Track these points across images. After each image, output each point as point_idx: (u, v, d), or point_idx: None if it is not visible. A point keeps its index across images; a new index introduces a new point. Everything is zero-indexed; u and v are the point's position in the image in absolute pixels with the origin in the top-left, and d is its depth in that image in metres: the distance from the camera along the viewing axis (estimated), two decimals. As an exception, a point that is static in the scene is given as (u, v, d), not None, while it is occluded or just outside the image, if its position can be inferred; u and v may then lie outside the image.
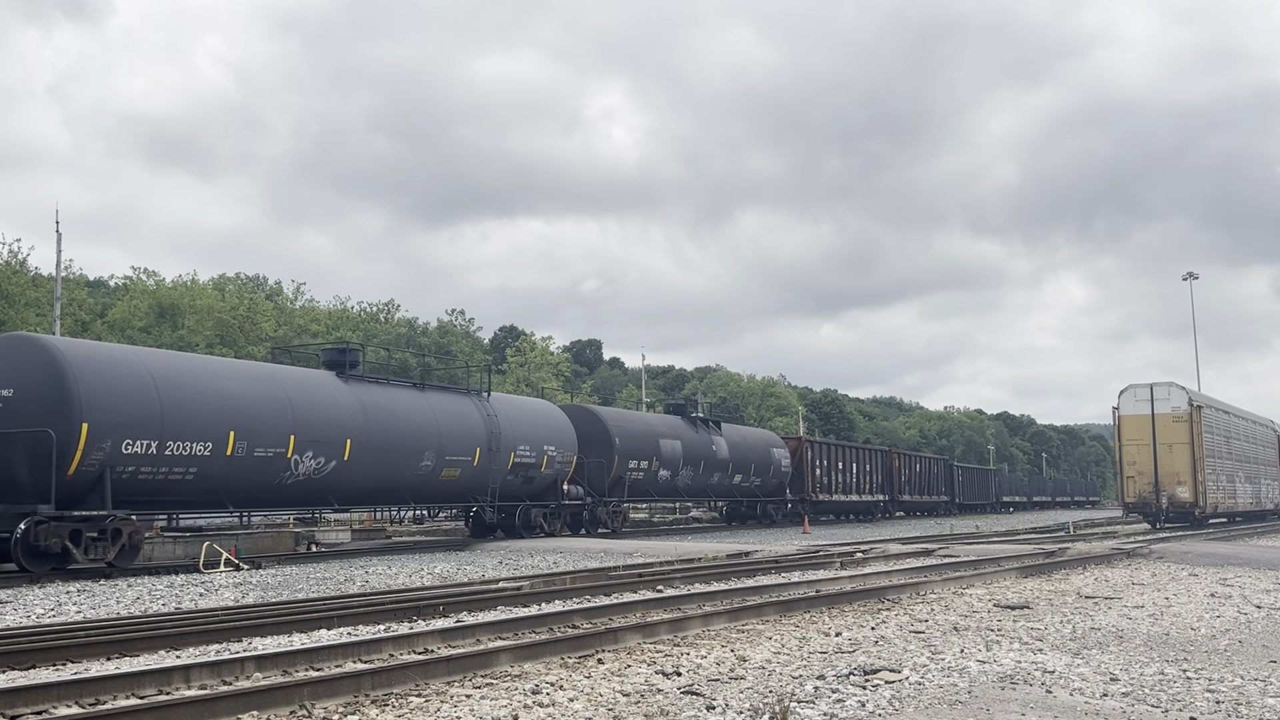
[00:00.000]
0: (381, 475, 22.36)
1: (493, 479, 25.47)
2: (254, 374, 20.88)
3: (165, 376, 18.35)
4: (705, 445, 35.95)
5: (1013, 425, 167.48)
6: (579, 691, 7.17)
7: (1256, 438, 44.56)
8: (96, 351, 18.34)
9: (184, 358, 21.09)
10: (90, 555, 16.71)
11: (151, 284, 60.46)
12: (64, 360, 16.90)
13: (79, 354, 17.45)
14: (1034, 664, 8.45)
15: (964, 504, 61.36)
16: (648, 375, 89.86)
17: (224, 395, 19.14)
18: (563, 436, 28.27)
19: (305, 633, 10.08)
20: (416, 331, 63.57)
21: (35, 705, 6.59)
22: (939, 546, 22.60)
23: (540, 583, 14.57)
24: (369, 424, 21.88)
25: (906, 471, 52.31)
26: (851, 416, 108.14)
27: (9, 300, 41.81)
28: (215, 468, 18.62)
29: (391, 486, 22.94)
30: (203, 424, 18.40)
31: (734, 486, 38.03)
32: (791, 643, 9.45)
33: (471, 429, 24.85)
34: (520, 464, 26.33)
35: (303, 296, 68.31)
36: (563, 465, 28.13)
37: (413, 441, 23.02)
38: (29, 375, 16.86)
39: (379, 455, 22.01)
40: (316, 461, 20.59)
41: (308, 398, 20.86)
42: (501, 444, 25.58)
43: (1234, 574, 17.46)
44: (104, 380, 17.17)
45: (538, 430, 27.32)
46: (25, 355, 17.14)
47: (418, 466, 23.21)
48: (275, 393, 20.25)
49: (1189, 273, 61.42)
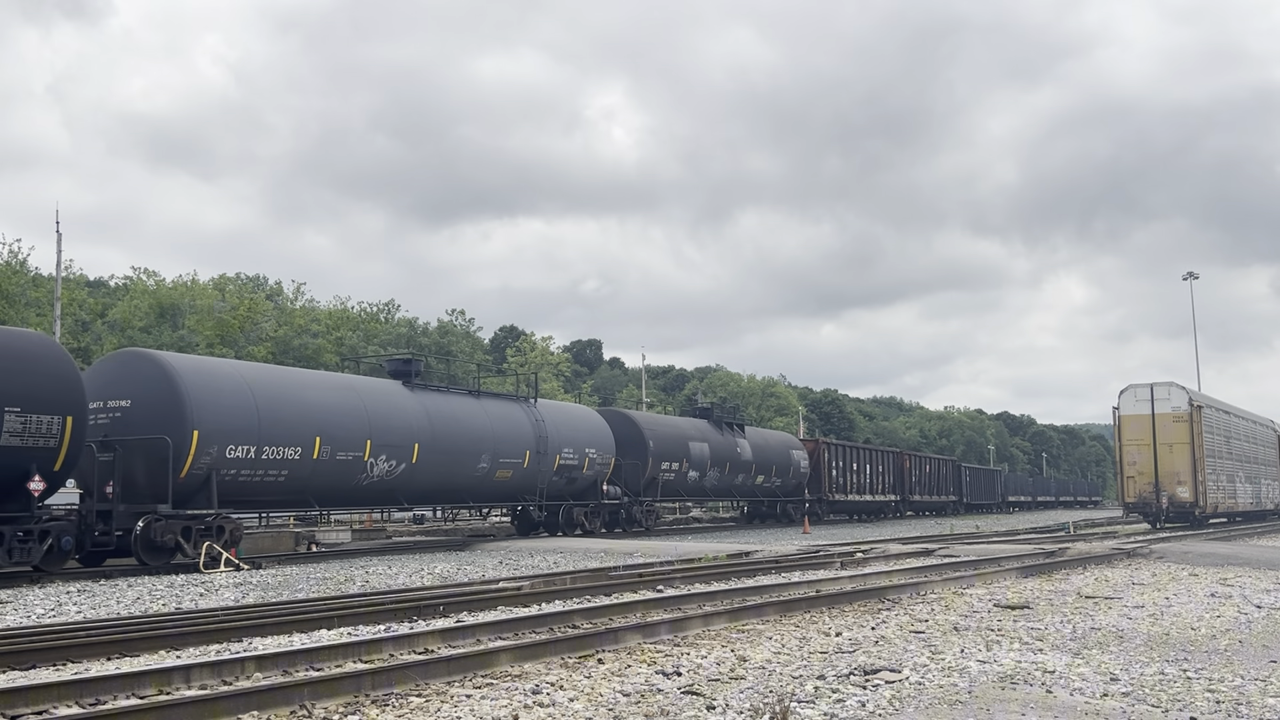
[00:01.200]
0: (444, 476, 23.97)
1: (540, 480, 27.20)
2: (335, 384, 22.72)
3: (261, 387, 20.11)
4: (730, 447, 37.39)
5: (1013, 425, 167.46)
6: (579, 691, 7.16)
7: (1256, 438, 44.55)
8: (203, 365, 20.29)
9: (276, 370, 23.31)
10: (194, 554, 18.09)
11: (152, 284, 60.44)
12: (176, 373, 18.65)
13: (188, 367, 19.32)
14: (1034, 664, 8.44)
15: (971, 504, 62.54)
16: (648, 375, 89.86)
17: (310, 404, 20.83)
18: (602, 440, 30.04)
19: (305, 633, 10.07)
20: (416, 331, 63.47)
21: (36, 705, 6.59)
22: (939, 546, 22.60)
23: (540, 583, 14.57)
24: (433, 429, 23.56)
25: (917, 472, 53.62)
26: (851, 416, 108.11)
27: (9, 300, 41.80)
28: (304, 470, 20.27)
29: (452, 487, 24.59)
30: (294, 430, 20.07)
31: (756, 487, 39.44)
32: (792, 643, 9.45)
33: (521, 433, 26.61)
34: (564, 466, 28.08)
35: (303, 296, 68.27)
36: (602, 467, 29.85)
37: (471, 445, 24.75)
38: (144, 387, 18.45)
39: (442, 458, 23.67)
40: (389, 464, 22.26)
41: (381, 405, 22.54)
42: (548, 447, 27.38)
43: (1234, 574, 17.45)
44: (210, 391, 18.86)
45: (579, 434, 29.06)
46: (140, 369, 18.89)
47: (475, 468, 24.89)
48: (353, 401, 21.92)
49: (1189, 273, 61.43)
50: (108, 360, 19.96)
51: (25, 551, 15.97)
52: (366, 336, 60.09)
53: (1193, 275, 61.25)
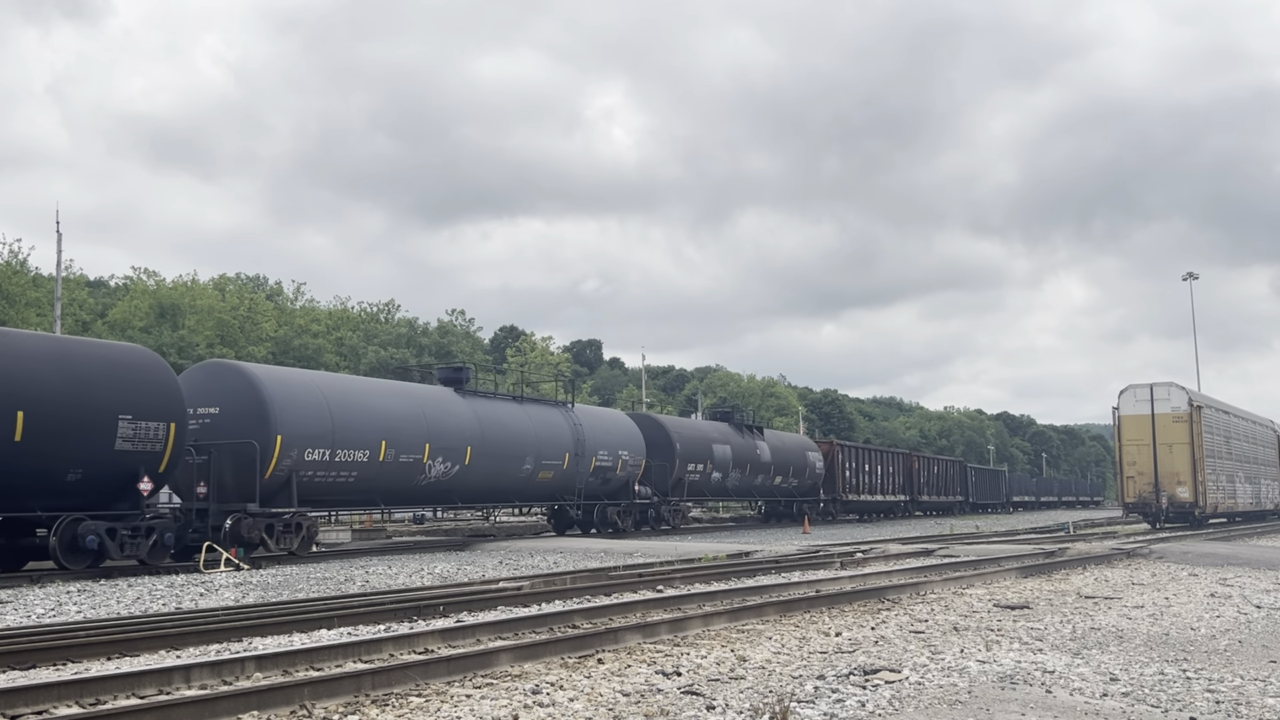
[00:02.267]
0: (493, 477, 25.60)
1: (578, 480, 28.87)
2: (397, 391, 24.36)
3: (334, 395, 21.67)
4: (750, 449, 38.80)
5: (1013, 425, 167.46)
6: (579, 691, 7.17)
7: (1256, 438, 44.55)
8: (283, 375, 22.03)
9: (346, 379, 25.52)
10: (280, 545, 19.85)
11: (152, 284, 60.45)
12: (261, 382, 20.18)
13: (271, 377, 20.97)
14: (1034, 664, 8.45)
15: (976, 503, 63.66)
16: (648, 375, 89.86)
17: (376, 410, 22.36)
18: (633, 443, 31.65)
19: (305, 633, 10.08)
20: (417, 331, 63.52)
21: (36, 705, 6.59)
22: (939, 546, 22.61)
23: (540, 583, 14.57)
24: (484, 433, 25.10)
25: (925, 473, 55.01)
26: (851, 417, 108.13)
27: (9, 300, 41.82)
28: (371, 471, 21.81)
29: (500, 487, 26.27)
30: (363, 435, 21.62)
31: (775, 487, 40.92)
32: (791, 643, 9.45)
33: (561, 437, 28.18)
34: (600, 467, 29.69)
35: (303, 296, 68.31)
36: (634, 468, 31.47)
37: (517, 448, 26.37)
38: (231, 396, 19.95)
39: (492, 460, 25.27)
40: (445, 466, 23.82)
41: (437, 411, 24.14)
42: (585, 450, 28.97)
43: (1234, 574, 17.46)
44: (290, 399, 20.37)
45: (613, 437, 30.69)
46: (226, 379, 20.42)
47: (520, 470, 26.50)
48: (413, 408, 23.48)
49: (1189, 273, 61.47)
50: (197, 370, 21.41)
51: (135, 546, 17.30)
52: (366, 336, 60.07)
53: (1192, 275, 61.29)
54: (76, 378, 16.63)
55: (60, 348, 17.28)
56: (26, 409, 15.69)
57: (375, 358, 55.99)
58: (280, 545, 19.87)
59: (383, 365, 54.66)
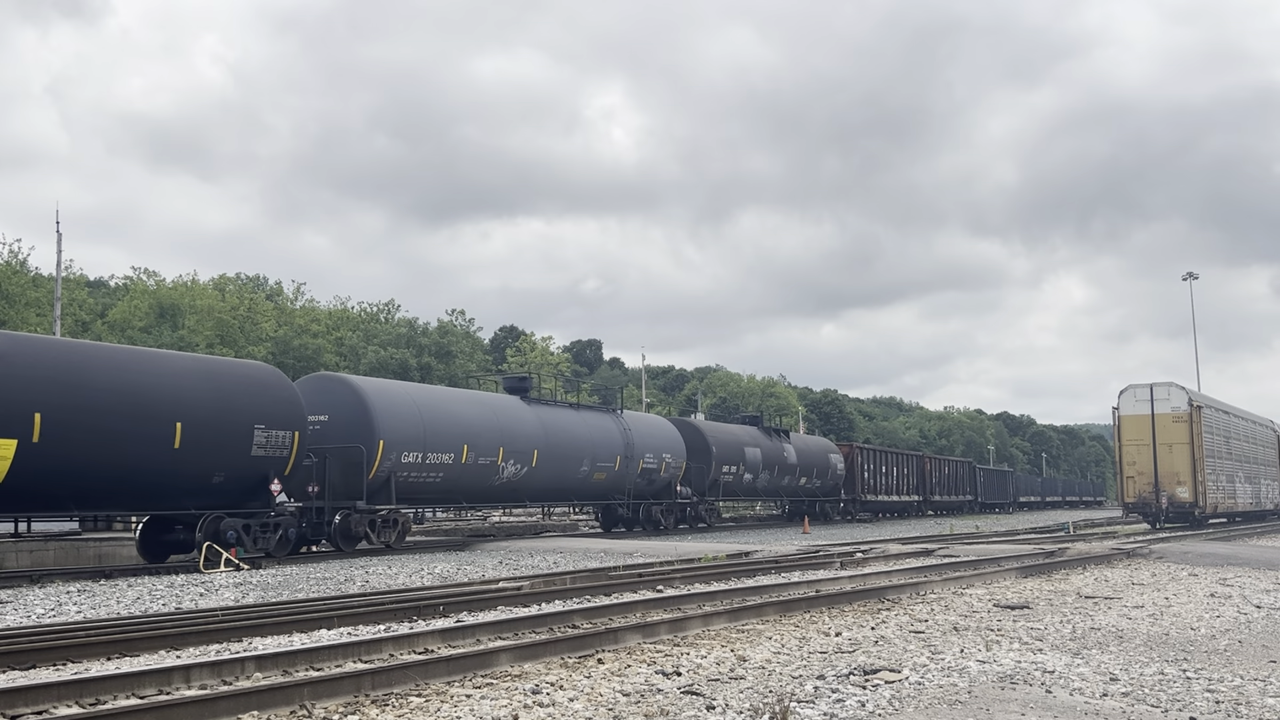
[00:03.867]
0: (556, 478, 28.02)
1: (627, 481, 31.27)
2: (475, 400, 27.13)
3: (424, 403, 24.18)
4: (778, 452, 40.86)
5: (1013, 425, 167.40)
6: (579, 691, 7.16)
7: (1256, 438, 44.54)
8: (383, 386, 24.85)
9: (433, 389, 28.26)
10: (380, 538, 22.24)
11: (152, 284, 60.43)
12: (365, 393, 22.74)
13: (373, 388, 23.55)
14: (1034, 664, 8.44)
15: (984, 503, 65.40)
16: (648, 375, 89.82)
17: (458, 417, 24.82)
18: (675, 446, 33.94)
19: (305, 633, 10.07)
20: (416, 331, 63.38)
21: (35, 705, 6.58)
22: (939, 546, 22.60)
23: (540, 583, 14.57)
24: (548, 438, 27.56)
25: (937, 474, 57.06)
26: (851, 417, 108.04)
27: (9, 300, 41.80)
28: (454, 472, 24.24)
29: (561, 487, 28.76)
30: (448, 439, 24.03)
31: (800, 488, 43.08)
32: (791, 643, 9.45)
33: (613, 441, 30.56)
34: (646, 469, 32.09)
35: (303, 296, 68.26)
36: (675, 470, 33.80)
37: (576, 451, 28.78)
38: (339, 405, 22.30)
39: (555, 463, 27.68)
40: (515, 468, 26.24)
41: (508, 418, 26.61)
42: (634, 453, 31.37)
43: (1234, 574, 17.46)
44: (389, 407, 22.79)
45: (657, 441, 33.05)
46: (334, 390, 22.86)
47: (578, 471, 28.96)
48: (488, 415, 26.05)
49: (1189, 273, 61.46)
50: (307, 382, 23.62)
51: (265, 540, 19.40)
52: (366, 336, 60.01)
53: (1192, 275, 61.28)
54: (221, 393, 18.76)
55: (207, 366, 19.77)
56: (184, 421, 17.76)
57: (375, 358, 55.90)
58: (380, 539, 22.29)
59: (382, 365, 54.60)
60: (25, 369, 15.95)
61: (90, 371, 16.95)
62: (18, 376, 15.75)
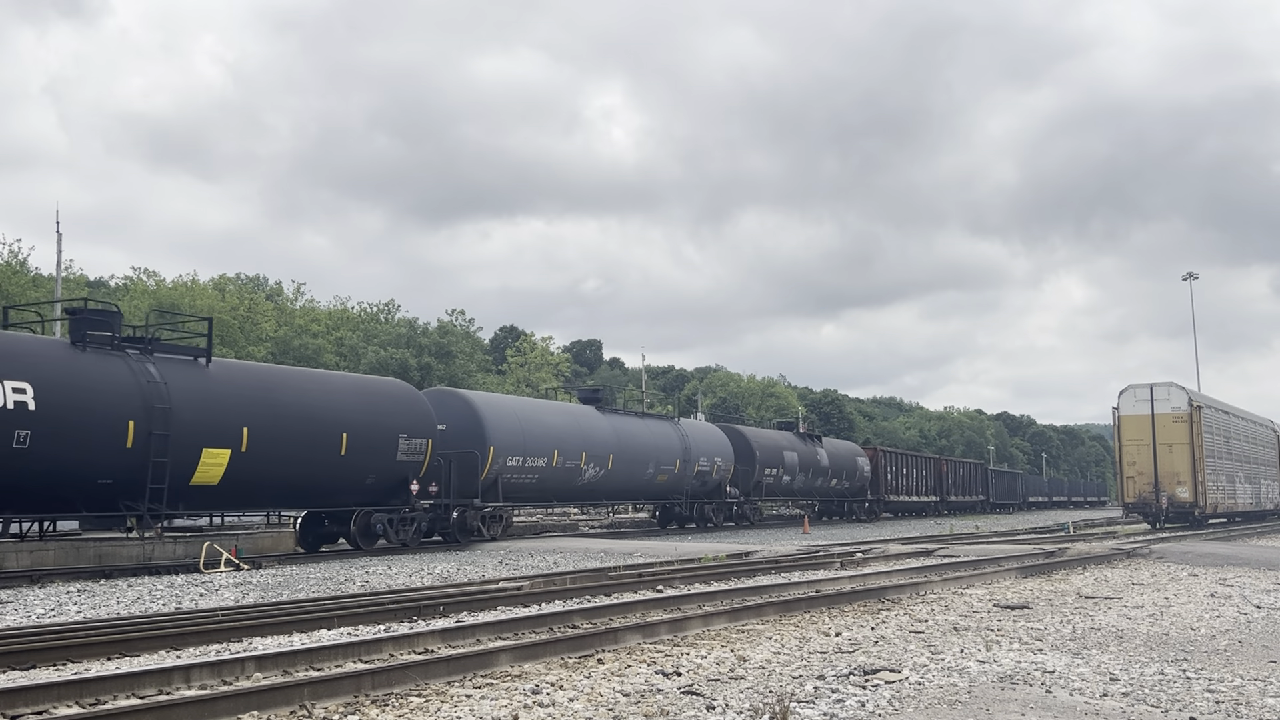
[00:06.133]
0: (627, 479, 31.51)
1: (685, 483, 34.56)
2: (562, 410, 31.17)
3: (523, 414, 27.84)
4: (812, 455, 43.81)
5: (1013, 425, 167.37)
6: (579, 691, 7.16)
7: (1256, 438, 44.52)
8: (491, 399, 28.62)
9: (529, 401, 32.24)
10: (489, 532, 25.45)
11: (152, 284, 60.39)
12: (477, 405, 26.32)
13: (483, 401, 27.25)
14: (1034, 664, 8.44)
15: (995, 503, 67.79)
16: (648, 375, 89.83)
17: (549, 426, 28.24)
18: (724, 450, 37.00)
19: (305, 633, 10.07)
20: (416, 331, 63.33)
21: (35, 705, 6.58)
22: (939, 547, 22.60)
23: (540, 583, 14.56)
24: (620, 443, 30.88)
25: (953, 475, 59.95)
26: (851, 417, 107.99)
27: (9, 300, 41.78)
28: (547, 474, 27.67)
29: (630, 488, 32.34)
30: (542, 445, 27.44)
31: (830, 489, 46.02)
32: (791, 643, 9.45)
33: (672, 446, 33.86)
34: (700, 471, 35.17)
35: (303, 297, 68.25)
36: (725, 472, 36.85)
37: (643, 455, 32.09)
38: (456, 415, 25.49)
39: (627, 466, 31.09)
40: (595, 470, 29.57)
41: (587, 426, 30.04)
42: (690, 457, 34.51)
43: (1234, 574, 17.46)
44: (497, 418, 26.38)
45: (709, 445, 36.21)
46: (450, 403, 26.11)
47: (645, 473, 32.31)
48: (572, 423, 29.54)
49: (1189, 273, 61.44)
50: (428, 395, 25.96)
51: (404, 532, 22.39)
52: (366, 336, 59.99)
53: (1192, 275, 61.27)
54: (372, 407, 21.78)
55: (361, 384, 22.91)
56: (348, 431, 20.72)
57: (375, 358, 55.86)
58: (489, 532, 25.35)
59: (382, 365, 54.55)
60: (235, 390, 18.96)
61: (280, 391, 19.99)
62: (231, 396, 18.80)
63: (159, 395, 17.48)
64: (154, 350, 18.39)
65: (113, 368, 17.27)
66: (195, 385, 18.29)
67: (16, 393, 15.57)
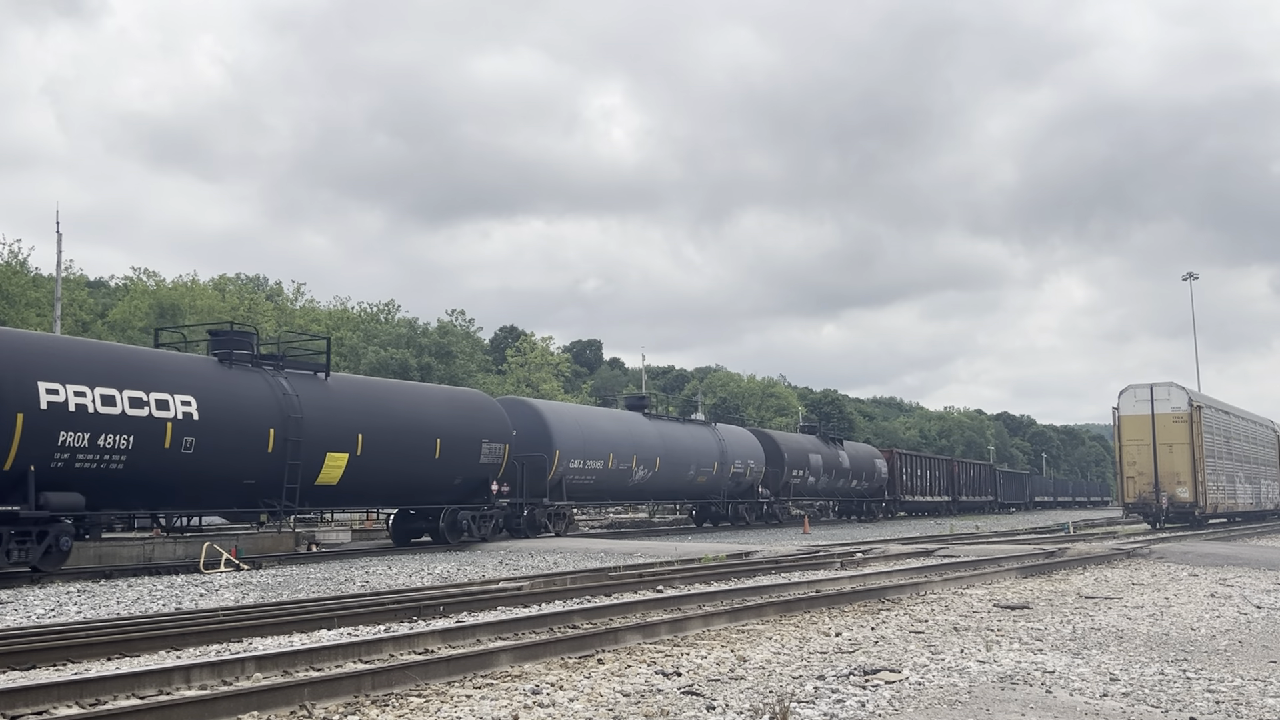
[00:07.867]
0: (672, 480, 34.05)
1: (721, 484, 37.03)
2: (614, 416, 33.52)
3: (583, 420, 30.56)
4: (835, 457, 46.15)
5: (1013, 425, 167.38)
6: (579, 692, 7.16)
7: (1256, 438, 44.51)
8: (555, 407, 31.54)
9: (587, 409, 36.40)
10: (554, 528, 27.89)
11: (152, 284, 60.40)
12: (543, 412, 29.14)
13: (549, 408, 30.20)
14: (1034, 664, 8.44)
15: (1004, 503, 70.12)
16: (648, 375, 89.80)
17: (605, 431, 30.92)
18: (756, 453, 39.37)
19: (305, 633, 10.07)
20: (416, 331, 63.33)
21: (35, 705, 6.58)
22: (939, 547, 22.60)
23: (540, 583, 14.56)
24: (665, 447, 33.45)
25: (964, 476, 62.54)
26: (851, 417, 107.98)
27: (9, 300, 41.80)
28: (603, 476, 30.31)
29: (674, 488, 34.83)
30: (599, 448, 30.06)
31: (851, 489, 48.26)
32: (791, 643, 9.45)
33: (710, 449, 36.32)
34: (735, 473, 37.59)
35: (303, 297, 68.29)
36: (757, 474, 39.31)
37: (685, 458, 34.64)
38: (525, 421, 27.82)
39: (672, 468, 33.62)
40: (644, 472, 32.18)
41: (637, 431, 32.68)
42: (726, 459, 36.95)
43: (1234, 574, 17.45)
44: (561, 424, 28.97)
45: (743, 449, 38.63)
46: (520, 410, 28.58)
47: (687, 474, 34.90)
48: (623, 428, 32.20)
49: (1189, 273, 61.47)
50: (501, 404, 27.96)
51: (486, 529, 24.64)
52: (366, 336, 60.00)
53: (1192, 275, 61.30)
54: (460, 415, 24.19)
55: (450, 395, 25.65)
56: (441, 438, 23.11)
57: (375, 358, 55.88)
58: (554, 528, 27.78)
59: (382, 365, 54.57)
60: (351, 402, 21.35)
61: (388, 402, 22.38)
62: (348, 407, 21.16)
63: (292, 406, 19.77)
64: (284, 366, 20.71)
65: (254, 382, 19.63)
66: (319, 397, 20.64)
67: (184, 405, 17.90)
